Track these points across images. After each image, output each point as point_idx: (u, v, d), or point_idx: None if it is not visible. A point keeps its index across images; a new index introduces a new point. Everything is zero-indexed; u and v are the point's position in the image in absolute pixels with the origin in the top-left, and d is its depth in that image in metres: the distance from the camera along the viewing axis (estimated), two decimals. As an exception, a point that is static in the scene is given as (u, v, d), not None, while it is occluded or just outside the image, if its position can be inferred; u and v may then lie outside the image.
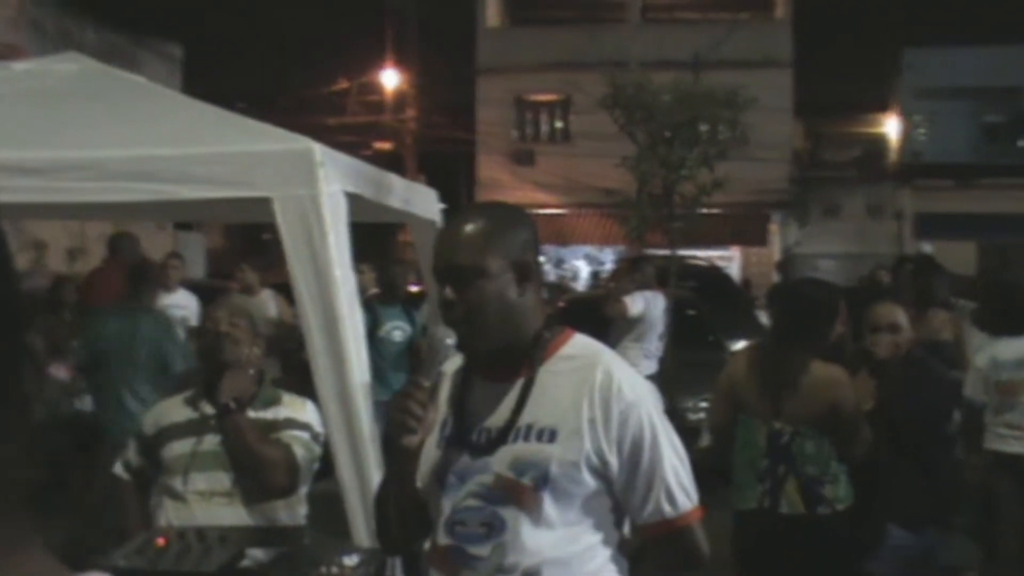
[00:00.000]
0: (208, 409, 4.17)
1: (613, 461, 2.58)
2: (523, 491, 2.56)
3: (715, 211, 19.56)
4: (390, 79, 33.38)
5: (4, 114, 5.05)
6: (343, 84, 33.46)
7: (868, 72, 34.12)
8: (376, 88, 33.94)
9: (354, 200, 4.87)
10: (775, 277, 24.78)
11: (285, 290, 11.33)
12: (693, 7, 33.99)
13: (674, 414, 10.26)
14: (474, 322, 2.59)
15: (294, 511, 4.22)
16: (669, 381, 10.56)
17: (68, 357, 8.05)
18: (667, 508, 2.63)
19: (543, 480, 2.55)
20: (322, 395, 4.43)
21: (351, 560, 3.66)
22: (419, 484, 2.69)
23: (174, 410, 4.28)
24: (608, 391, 2.58)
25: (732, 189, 13.39)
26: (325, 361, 4.45)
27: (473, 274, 2.58)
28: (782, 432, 4.92)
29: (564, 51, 29.94)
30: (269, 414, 4.23)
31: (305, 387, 4.59)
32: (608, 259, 30.93)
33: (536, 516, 2.56)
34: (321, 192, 4.43)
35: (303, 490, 4.27)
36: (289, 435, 4.16)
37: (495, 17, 34.22)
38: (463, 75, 33.40)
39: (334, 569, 3.59)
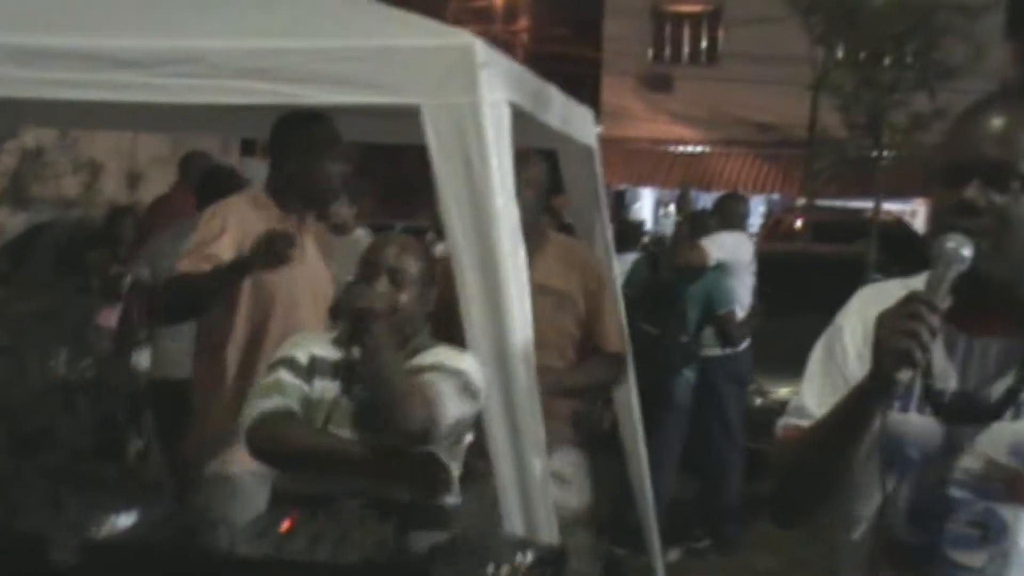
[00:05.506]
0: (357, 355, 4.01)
1: None
2: None
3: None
4: (501, -19, 33.36)
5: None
6: (446, -14, 33.47)
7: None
8: (484, -8, 33.98)
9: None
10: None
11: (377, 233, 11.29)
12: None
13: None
14: (1001, 237, 2.34)
15: None
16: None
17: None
18: None
19: None
20: (475, 353, 4.25)
21: (525, 558, 3.51)
22: None
23: (319, 345, 4.11)
24: None
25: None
26: (481, 312, 4.28)
27: (1018, 178, 2.35)
28: None
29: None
30: (417, 360, 4.03)
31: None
32: (758, 209, 30.62)
33: None
34: (483, 101, 4.26)
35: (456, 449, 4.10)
36: (431, 376, 3.92)
37: (631, -90, 33.94)
38: (590, -21, 33.25)
39: (504, 569, 3.44)
